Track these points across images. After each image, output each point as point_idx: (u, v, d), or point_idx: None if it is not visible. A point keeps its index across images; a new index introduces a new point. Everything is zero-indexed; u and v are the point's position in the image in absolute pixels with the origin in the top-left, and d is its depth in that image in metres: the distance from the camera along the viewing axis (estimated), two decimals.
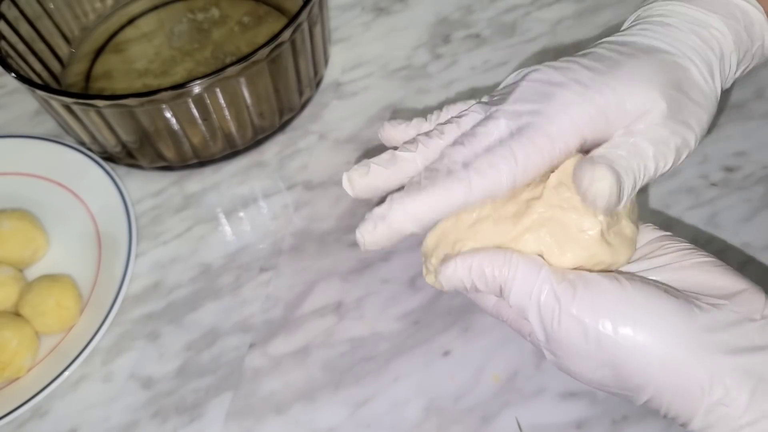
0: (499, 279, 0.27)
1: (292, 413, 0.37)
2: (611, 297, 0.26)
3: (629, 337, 0.25)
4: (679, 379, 0.25)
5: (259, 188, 0.46)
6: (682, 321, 0.25)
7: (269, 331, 0.40)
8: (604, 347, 0.25)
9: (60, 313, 0.39)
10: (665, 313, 0.25)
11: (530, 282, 0.27)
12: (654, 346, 0.25)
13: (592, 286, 0.26)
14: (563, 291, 0.26)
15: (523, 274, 0.27)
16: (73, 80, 0.51)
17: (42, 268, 0.43)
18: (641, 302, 0.26)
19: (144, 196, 0.46)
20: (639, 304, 0.26)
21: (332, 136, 0.48)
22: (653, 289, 0.26)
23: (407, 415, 0.37)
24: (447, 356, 0.38)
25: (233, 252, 0.43)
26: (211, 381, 0.38)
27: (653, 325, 0.25)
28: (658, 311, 0.25)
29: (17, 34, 0.47)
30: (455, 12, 0.55)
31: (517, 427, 0.36)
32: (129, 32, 0.54)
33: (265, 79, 0.43)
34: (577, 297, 0.26)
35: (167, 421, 0.37)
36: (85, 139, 0.45)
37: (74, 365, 0.38)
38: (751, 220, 0.42)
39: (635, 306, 0.26)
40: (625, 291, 0.26)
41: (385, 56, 0.53)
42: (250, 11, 0.54)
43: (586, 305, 0.26)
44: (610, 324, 0.25)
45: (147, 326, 0.41)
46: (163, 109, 0.40)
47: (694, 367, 0.25)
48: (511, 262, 0.27)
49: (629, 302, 0.26)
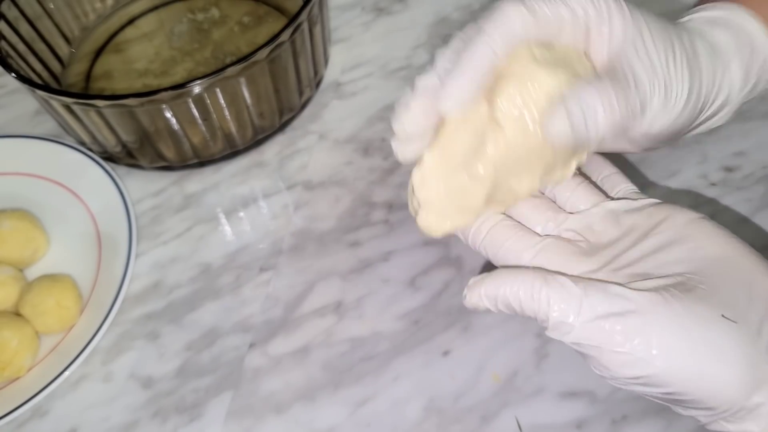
0: (529, 313, 0.27)
1: (292, 413, 0.37)
2: (660, 326, 0.25)
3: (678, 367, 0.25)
4: (719, 396, 0.25)
5: (259, 188, 0.46)
6: (731, 341, 0.25)
7: (269, 331, 0.40)
8: (653, 375, 0.25)
9: (60, 313, 0.39)
10: (711, 337, 0.25)
11: (565, 316, 0.26)
12: (699, 371, 0.25)
13: (629, 308, 0.25)
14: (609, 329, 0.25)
15: (558, 308, 0.26)
16: (74, 80, 0.51)
17: (42, 268, 0.43)
18: (683, 330, 0.25)
19: (144, 196, 0.46)
20: (683, 332, 0.25)
21: (332, 136, 0.48)
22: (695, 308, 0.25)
23: (407, 415, 0.37)
24: (447, 356, 0.38)
25: (233, 252, 0.43)
26: (211, 381, 0.38)
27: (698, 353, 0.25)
28: (703, 337, 0.25)
29: (17, 34, 0.47)
30: (455, 12, 0.55)
31: (517, 426, 0.36)
32: (129, 32, 0.54)
33: (265, 79, 0.43)
34: (628, 334, 0.25)
35: (167, 421, 0.37)
36: (85, 139, 0.45)
37: (74, 365, 0.38)
38: (750, 219, 0.42)
39: (681, 335, 0.25)
40: (668, 305, 0.25)
41: (385, 56, 0.53)
42: (250, 11, 0.54)
43: (638, 339, 0.25)
44: (660, 355, 0.25)
45: (147, 326, 0.41)
46: (163, 109, 0.40)
47: (736, 381, 0.24)
48: (540, 295, 0.26)
49: (674, 332, 0.25)
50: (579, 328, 0.26)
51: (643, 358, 0.25)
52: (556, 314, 0.26)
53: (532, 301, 0.26)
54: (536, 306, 0.26)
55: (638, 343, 0.25)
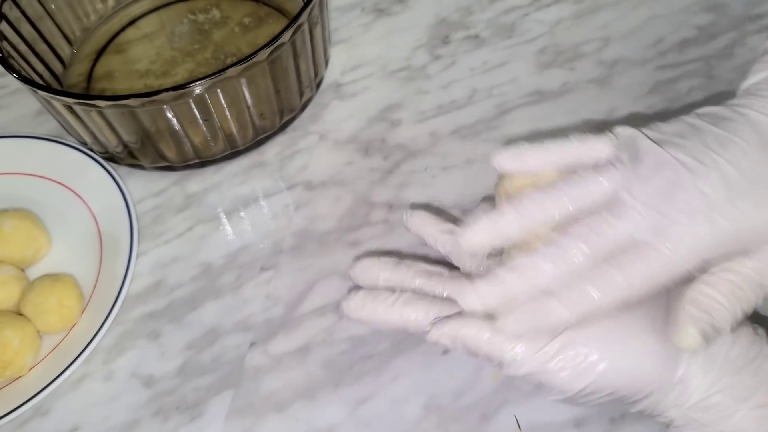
0: (484, 354, 0.30)
1: (293, 411, 0.37)
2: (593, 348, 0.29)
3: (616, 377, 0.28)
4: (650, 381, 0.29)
5: (260, 188, 0.47)
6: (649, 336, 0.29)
7: (270, 330, 0.40)
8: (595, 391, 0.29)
9: (61, 313, 0.39)
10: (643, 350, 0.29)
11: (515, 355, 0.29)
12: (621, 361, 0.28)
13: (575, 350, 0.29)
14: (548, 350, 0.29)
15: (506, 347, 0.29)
16: (75, 81, 0.51)
17: (44, 267, 0.43)
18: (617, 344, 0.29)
19: (145, 195, 0.47)
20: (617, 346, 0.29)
21: (332, 137, 0.49)
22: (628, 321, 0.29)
23: (407, 414, 0.37)
24: (446, 355, 0.38)
25: (234, 251, 0.44)
26: (211, 380, 0.39)
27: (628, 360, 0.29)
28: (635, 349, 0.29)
29: (19, 34, 0.47)
30: (454, 13, 0.56)
31: (516, 425, 0.36)
32: (130, 33, 0.54)
33: (266, 79, 0.43)
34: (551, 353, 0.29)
35: (168, 420, 0.37)
36: (86, 139, 0.46)
37: (76, 364, 0.38)
38: None
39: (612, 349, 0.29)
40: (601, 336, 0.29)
41: (385, 57, 0.53)
42: (251, 12, 0.54)
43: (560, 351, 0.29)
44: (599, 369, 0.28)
45: (148, 325, 0.41)
46: (164, 109, 0.41)
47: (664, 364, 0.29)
48: (495, 339, 0.29)
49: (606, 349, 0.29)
50: (524, 361, 0.29)
51: (583, 371, 0.28)
52: (509, 354, 0.29)
53: (488, 344, 0.29)
54: (489, 348, 0.29)
55: (575, 358, 0.28)
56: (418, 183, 0.46)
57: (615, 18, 0.54)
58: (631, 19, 0.53)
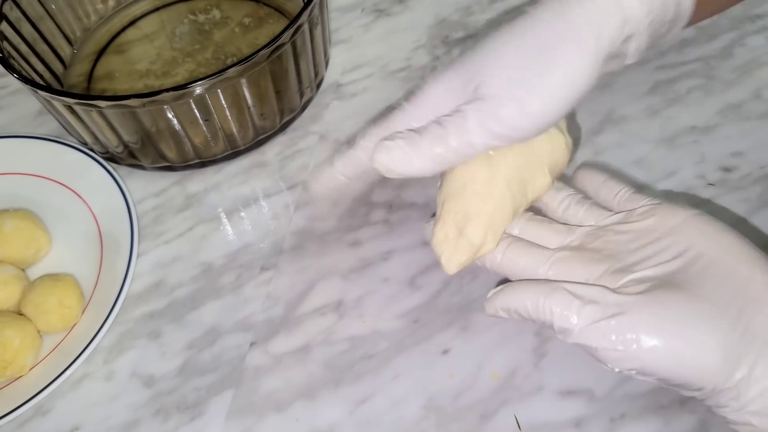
0: (538, 321, 0.31)
1: (293, 411, 0.37)
2: (648, 323, 0.29)
3: (667, 355, 0.28)
4: (703, 380, 0.28)
5: (260, 188, 0.47)
6: (709, 333, 0.28)
7: (270, 330, 0.40)
8: (643, 368, 0.29)
9: (62, 312, 0.39)
10: (696, 327, 0.28)
11: (566, 323, 0.30)
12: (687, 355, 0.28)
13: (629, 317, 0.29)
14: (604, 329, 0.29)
15: (560, 316, 0.30)
16: (75, 81, 0.52)
17: (44, 267, 0.43)
18: (671, 321, 0.29)
19: (146, 196, 0.47)
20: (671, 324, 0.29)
21: (333, 137, 0.49)
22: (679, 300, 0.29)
23: (407, 413, 0.37)
24: (446, 354, 0.39)
25: (234, 251, 0.44)
26: (212, 379, 0.39)
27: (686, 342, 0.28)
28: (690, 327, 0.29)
29: (19, 35, 0.47)
30: (454, 13, 0.56)
31: (516, 425, 0.36)
32: (131, 33, 0.54)
33: (266, 80, 0.43)
34: (619, 332, 0.29)
35: (168, 419, 0.37)
36: (87, 139, 0.46)
37: (76, 364, 0.38)
38: (748, 220, 0.42)
39: (660, 322, 0.29)
40: (651, 306, 0.29)
41: (385, 57, 0.53)
42: (251, 12, 0.54)
43: (628, 335, 0.29)
44: (648, 346, 0.28)
45: (149, 325, 0.41)
46: (164, 109, 0.41)
47: (716, 367, 0.28)
48: (545, 304, 0.30)
49: (660, 325, 0.29)
50: (578, 332, 0.30)
51: (631, 354, 0.28)
52: (558, 321, 0.30)
53: (538, 312, 0.31)
54: (542, 315, 0.31)
55: (627, 341, 0.28)
56: (418, 183, 0.46)
57: None
58: None
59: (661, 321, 0.28)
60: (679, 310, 0.29)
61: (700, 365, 0.28)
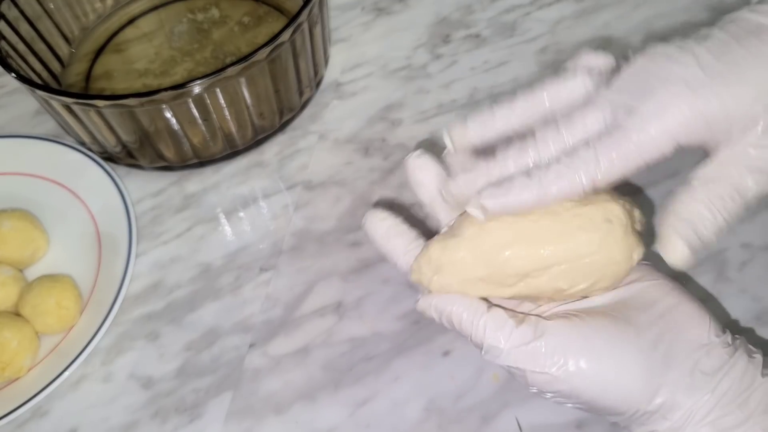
0: (465, 333, 0.30)
1: (292, 413, 0.37)
2: (573, 343, 0.28)
3: (592, 377, 0.28)
4: (626, 402, 0.28)
5: (259, 188, 0.46)
6: (636, 356, 0.28)
7: (269, 331, 0.40)
8: (569, 390, 0.28)
9: (60, 313, 0.39)
10: (620, 352, 0.28)
11: (498, 347, 0.29)
12: (611, 380, 0.28)
13: (555, 336, 0.28)
14: (532, 351, 0.28)
15: (490, 339, 0.29)
16: (74, 80, 0.51)
17: (42, 268, 0.43)
18: (598, 343, 0.28)
19: (144, 196, 0.46)
20: (596, 346, 0.28)
21: (332, 136, 0.48)
22: (608, 327, 0.28)
23: (407, 415, 0.37)
24: (447, 356, 0.38)
25: (233, 252, 0.43)
26: (211, 381, 0.38)
27: (610, 364, 0.28)
28: (613, 351, 0.28)
29: (17, 34, 0.47)
30: (455, 12, 0.55)
31: (517, 426, 0.36)
32: (129, 32, 0.54)
33: (265, 79, 0.43)
34: (546, 353, 0.28)
35: (167, 421, 0.37)
36: (85, 139, 0.45)
37: (74, 365, 0.38)
38: (750, 220, 0.42)
39: (593, 348, 0.28)
40: (582, 334, 0.28)
41: (385, 56, 0.53)
42: (250, 11, 0.54)
43: (555, 357, 0.28)
44: (573, 369, 0.28)
45: (147, 326, 0.41)
46: (163, 109, 0.40)
47: (645, 396, 0.28)
48: (478, 322, 0.29)
49: (587, 345, 0.28)
50: (506, 352, 0.28)
51: (559, 377, 0.28)
52: (490, 340, 0.29)
53: (471, 326, 0.29)
54: (474, 330, 0.29)
55: (555, 363, 0.28)
56: None
57: (616, 17, 0.53)
58: (632, 18, 0.53)
59: (588, 342, 0.28)
60: (605, 332, 0.28)
61: (624, 387, 0.28)
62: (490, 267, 0.29)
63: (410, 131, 0.48)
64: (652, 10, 0.53)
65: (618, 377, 0.28)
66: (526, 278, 0.29)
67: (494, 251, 0.29)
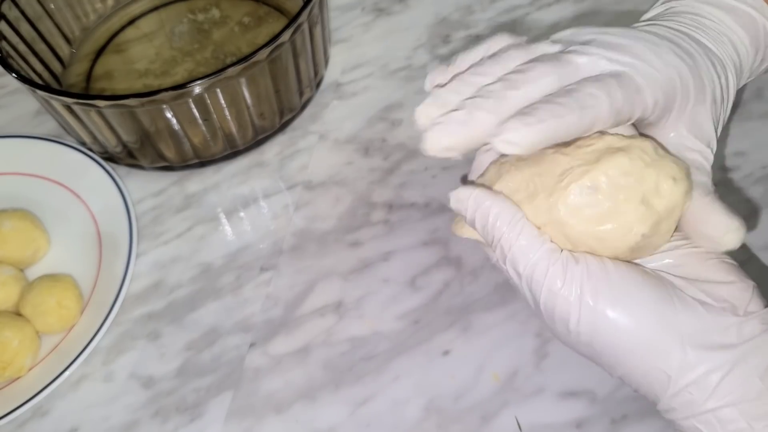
0: (495, 234, 0.28)
1: (293, 412, 0.37)
2: (597, 278, 0.26)
3: (606, 318, 0.26)
4: (647, 365, 0.26)
5: (260, 188, 0.46)
6: (660, 312, 0.26)
7: (270, 331, 0.40)
8: (583, 323, 0.26)
9: (61, 313, 0.39)
10: (644, 301, 0.26)
11: (527, 255, 0.27)
12: (627, 330, 0.26)
13: (581, 266, 0.27)
14: (554, 271, 0.27)
15: (523, 244, 0.27)
16: (74, 80, 0.51)
17: (43, 267, 0.43)
18: (623, 287, 0.26)
19: (145, 196, 0.46)
20: (620, 289, 0.26)
21: (332, 137, 0.49)
22: (637, 276, 0.27)
23: (407, 415, 0.37)
24: (447, 356, 0.38)
25: (234, 252, 0.44)
26: (211, 380, 0.39)
27: (630, 310, 0.26)
28: (637, 299, 0.26)
29: (18, 34, 0.47)
30: (455, 12, 0.55)
31: (517, 426, 0.36)
32: (130, 33, 0.54)
33: (266, 79, 0.43)
34: (567, 278, 0.26)
35: (168, 421, 0.37)
36: (85, 139, 0.45)
37: (75, 365, 0.38)
38: (750, 220, 0.42)
39: (616, 290, 0.26)
40: (609, 274, 0.27)
41: (385, 57, 0.53)
42: (251, 12, 0.54)
43: (574, 284, 0.26)
44: (591, 302, 0.26)
45: (148, 326, 0.41)
46: (163, 109, 0.40)
47: (664, 356, 0.26)
48: (516, 225, 0.27)
49: (611, 285, 0.26)
50: (533, 264, 0.27)
51: (573, 304, 0.26)
52: (522, 245, 0.27)
53: (507, 225, 0.27)
54: (509, 231, 0.27)
55: (572, 293, 0.26)
56: (418, 183, 0.46)
57: (615, 18, 0.53)
58: (632, 19, 0.53)
59: (613, 286, 0.26)
60: (633, 280, 0.27)
61: (640, 338, 0.26)
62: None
63: (410, 131, 0.48)
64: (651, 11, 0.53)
65: (637, 328, 0.26)
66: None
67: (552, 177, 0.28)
